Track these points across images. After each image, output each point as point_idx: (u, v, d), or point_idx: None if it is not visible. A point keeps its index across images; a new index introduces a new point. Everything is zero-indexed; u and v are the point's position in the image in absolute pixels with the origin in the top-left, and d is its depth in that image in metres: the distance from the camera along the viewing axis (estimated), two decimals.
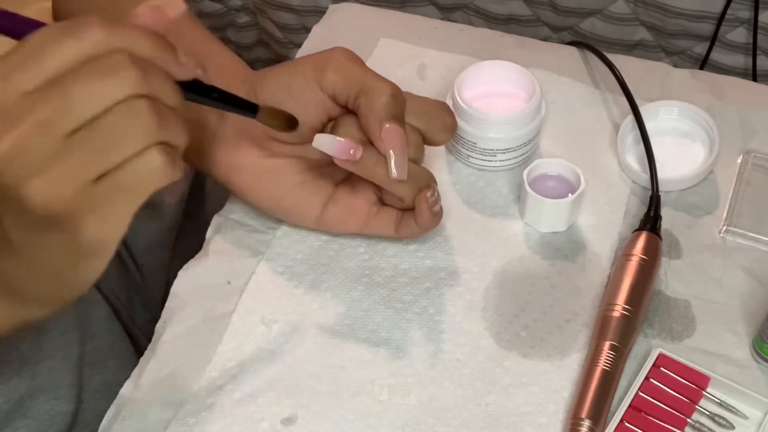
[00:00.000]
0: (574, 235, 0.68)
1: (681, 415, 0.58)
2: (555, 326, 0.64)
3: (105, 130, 0.43)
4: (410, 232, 0.64)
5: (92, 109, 0.42)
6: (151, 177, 0.44)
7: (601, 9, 1.26)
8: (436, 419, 0.60)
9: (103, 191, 0.44)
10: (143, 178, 0.44)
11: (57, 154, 0.42)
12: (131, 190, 0.44)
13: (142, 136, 0.43)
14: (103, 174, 0.43)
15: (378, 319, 0.64)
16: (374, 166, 0.58)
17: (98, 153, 0.43)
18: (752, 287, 0.65)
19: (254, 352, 0.63)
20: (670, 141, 0.72)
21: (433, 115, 0.61)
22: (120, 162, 0.43)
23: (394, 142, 0.57)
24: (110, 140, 0.43)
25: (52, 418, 0.71)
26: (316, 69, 0.59)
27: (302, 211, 0.65)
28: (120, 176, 0.44)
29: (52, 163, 0.42)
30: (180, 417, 0.60)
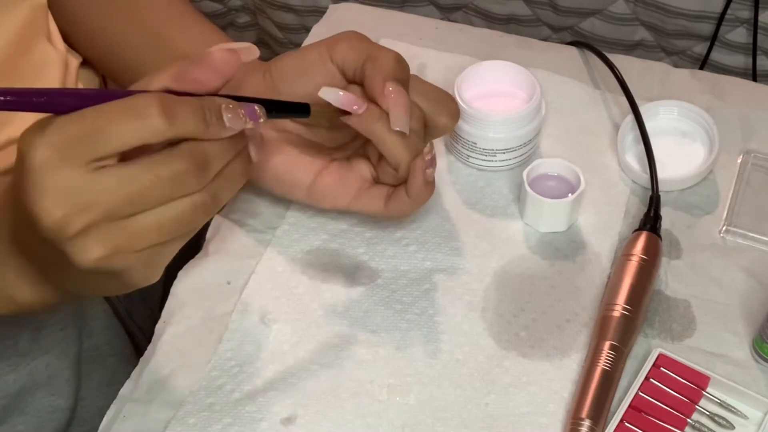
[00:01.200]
0: (574, 235, 0.68)
1: (681, 415, 0.58)
2: (555, 326, 0.64)
3: (171, 219, 0.47)
4: (400, 207, 0.62)
5: (162, 201, 0.46)
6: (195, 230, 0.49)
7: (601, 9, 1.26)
8: (436, 419, 0.60)
9: (153, 251, 0.48)
10: (189, 234, 0.49)
11: (120, 232, 0.46)
12: (177, 243, 0.49)
13: (198, 223, 0.48)
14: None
15: (378, 319, 0.64)
16: (375, 122, 0.58)
17: (157, 237, 0.47)
18: (752, 287, 0.65)
19: (254, 352, 0.63)
20: (670, 141, 0.72)
21: (439, 100, 0.61)
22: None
23: (396, 99, 0.57)
24: (173, 229, 0.47)
25: (50, 414, 0.71)
26: (328, 44, 0.60)
27: (295, 179, 0.64)
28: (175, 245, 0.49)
29: (114, 237, 0.46)
30: (180, 417, 0.60)
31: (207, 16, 1.53)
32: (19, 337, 0.68)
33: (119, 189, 0.45)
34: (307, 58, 0.60)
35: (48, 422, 0.71)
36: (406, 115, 0.57)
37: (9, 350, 0.67)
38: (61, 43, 0.68)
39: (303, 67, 0.60)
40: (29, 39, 0.63)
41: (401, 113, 0.57)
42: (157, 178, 0.45)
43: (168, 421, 0.60)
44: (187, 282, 0.67)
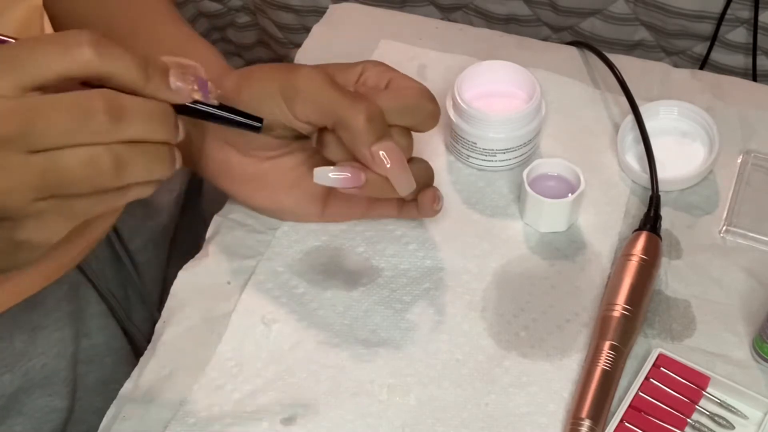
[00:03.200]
0: (574, 235, 0.68)
1: (681, 415, 0.58)
2: (555, 326, 0.64)
3: (62, 168, 0.43)
4: (412, 215, 0.66)
5: (56, 143, 0.43)
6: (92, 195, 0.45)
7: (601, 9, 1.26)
8: (436, 419, 0.60)
9: (50, 207, 0.45)
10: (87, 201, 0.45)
11: (13, 168, 0.43)
12: (76, 215, 0.46)
13: (99, 183, 0.44)
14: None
15: (377, 319, 0.64)
16: (381, 187, 0.58)
17: (52, 184, 0.44)
18: (752, 287, 0.65)
19: (254, 351, 0.63)
20: (670, 141, 0.72)
21: (415, 108, 0.59)
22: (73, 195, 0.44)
23: (390, 162, 0.57)
24: (65, 179, 0.43)
25: (47, 414, 0.71)
26: (286, 98, 0.57)
27: (303, 211, 0.66)
28: (70, 203, 0.45)
29: (7, 174, 0.43)
30: (179, 417, 0.60)
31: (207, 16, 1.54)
32: (14, 337, 0.68)
33: (20, 112, 0.42)
34: (270, 111, 0.57)
35: (45, 422, 0.71)
36: (405, 174, 0.58)
37: (5, 350, 0.67)
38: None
39: (270, 115, 0.57)
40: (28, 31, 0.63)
41: (402, 177, 0.57)
42: (59, 106, 0.42)
43: (168, 421, 0.60)
44: (187, 282, 0.67)
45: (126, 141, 0.44)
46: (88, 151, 0.43)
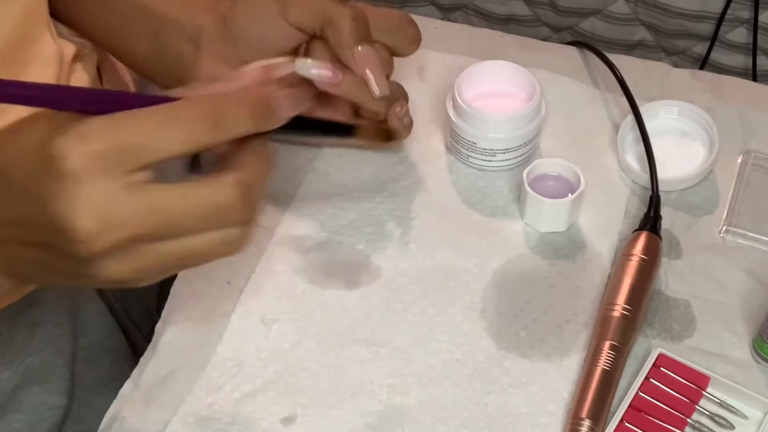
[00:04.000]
0: (574, 235, 0.68)
1: (681, 415, 0.58)
2: (555, 326, 0.64)
3: (195, 252, 0.43)
4: (368, 137, 0.67)
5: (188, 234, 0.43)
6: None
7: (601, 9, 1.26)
8: (436, 419, 0.60)
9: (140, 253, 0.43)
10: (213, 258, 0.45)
11: (142, 255, 0.42)
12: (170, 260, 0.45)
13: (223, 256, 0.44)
14: None
15: (377, 319, 0.64)
16: (356, 89, 0.60)
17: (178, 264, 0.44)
18: (752, 287, 0.65)
19: (254, 351, 0.63)
20: (670, 141, 0.72)
21: (398, 30, 0.64)
22: None
23: (368, 64, 0.60)
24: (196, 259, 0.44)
25: (45, 411, 0.71)
26: (280, 3, 0.62)
27: None
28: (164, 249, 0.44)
29: (134, 259, 0.42)
30: (179, 417, 0.60)
31: None
32: (14, 333, 0.68)
33: (155, 213, 0.41)
34: (263, 20, 0.62)
35: (43, 419, 0.71)
36: (382, 77, 0.60)
37: (3, 347, 0.68)
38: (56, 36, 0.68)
39: (259, 27, 0.62)
40: (29, 31, 0.63)
41: (378, 78, 0.60)
42: (197, 208, 0.42)
43: (168, 421, 0.60)
44: (187, 282, 0.67)
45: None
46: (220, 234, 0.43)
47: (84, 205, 0.40)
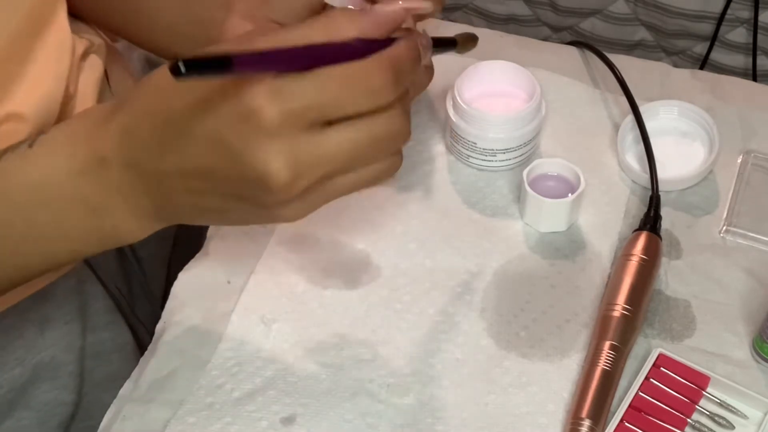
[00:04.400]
0: (574, 235, 0.68)
1: (681, 415, 0.58)
2: (555, 326, 0.64)
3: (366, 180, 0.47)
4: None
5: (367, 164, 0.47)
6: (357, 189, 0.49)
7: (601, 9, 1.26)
8: (436, 419, 0.60)
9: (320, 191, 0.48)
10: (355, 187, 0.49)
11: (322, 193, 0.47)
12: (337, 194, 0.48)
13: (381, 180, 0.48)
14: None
15: (377, 318, 0.64)
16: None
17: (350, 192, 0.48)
18: (752, 287, 0.65)
19: (254, 351, 0.63)
20: (670, 141, 0.72)
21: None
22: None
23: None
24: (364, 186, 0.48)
25: (54, 408, 0.71)
26: None
27: None
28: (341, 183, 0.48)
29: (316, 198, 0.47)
30: (179, 416, 0.60)
31: None
32: (24, 331, 0.68)
33: (340, 152, 0.45)
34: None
35: (52, 416, 0.71)
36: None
37: (15, 343, 0.68)
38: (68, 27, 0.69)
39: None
40: (43, 19, 0.63)
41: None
42: (374, 141, 0.46)
43: (168, 420, 0.60)
44: (188, 282, 0.67)
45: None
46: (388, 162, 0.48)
47: (279, 157, 0.44)
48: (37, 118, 0.62)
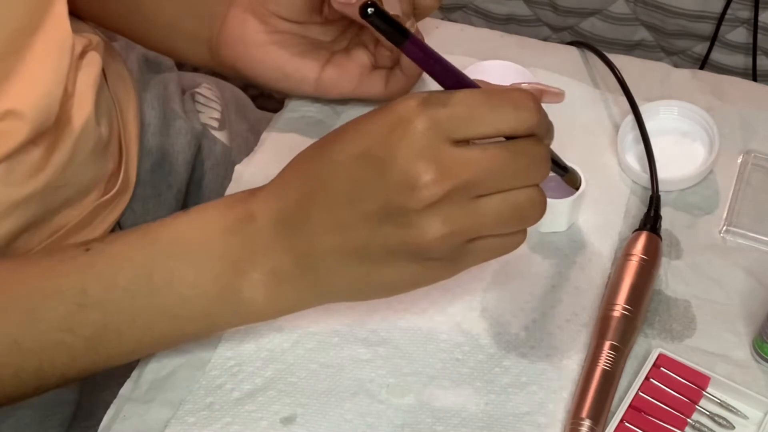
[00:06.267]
0: (574, 235, 0.68)
1: (681, 415, 0.58)
2: (555, 326, 0.64)
3: (511, 207, 0.49)
4: (398, 86, 0.69)
5: (510, 186, 0.48)
6: (512, 248, 0.51)
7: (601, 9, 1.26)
8: (435, 419, 0.60)
9: (473, 247, 0.50)
10: (506, 248, 0.51)
11: (465, 213, 0.48)
12: (491, 252, 0.51)
13: (533, 221, 0.50)
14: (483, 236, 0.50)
15: (377, 318, 0.64)
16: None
17: (496, 223, 0.49)
18: (752, 287, 0.65)
19: (254, 351, 0.63)
20: (670, 141, 0.72)
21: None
22: (504, 233, 0.50)
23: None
24: (511, 217, 0.49)
25: (55, 407, 0.71)
26: None
27: (302, 75, 0.70)
28: (492, 242, 0.50)
29: (458, 219, 0.48)
30: (179, 416, 0.60)
31: None
32: None
33: (480, 163, 0.47)
34: None
35: (53, 415, 0.71)
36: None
37: None
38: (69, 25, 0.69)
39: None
40: (40, 16, 0.63)
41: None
42: (515, 162, 0.48)
43: (168, 420, 0.60)
44: None
45: None
46: (534, 194, 0.49)
47: (424, 157, 0.46)
48: (35, 116, 0.62)
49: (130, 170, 0.79)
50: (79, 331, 0.55)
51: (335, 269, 0.52)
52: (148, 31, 0.74)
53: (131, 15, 0.74)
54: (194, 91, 0.92)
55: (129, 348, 0.57)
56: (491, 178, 0.47)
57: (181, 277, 0.54)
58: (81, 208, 0.72)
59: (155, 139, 0.83)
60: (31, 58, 0.62)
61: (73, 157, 0.68)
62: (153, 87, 0.86)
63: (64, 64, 0.65)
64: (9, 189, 0.64)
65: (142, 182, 0.81)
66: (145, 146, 0.82)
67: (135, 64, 0.87)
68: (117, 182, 0.76)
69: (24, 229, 0.66)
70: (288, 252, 0.52)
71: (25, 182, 0.65)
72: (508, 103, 0.47)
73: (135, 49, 0.88)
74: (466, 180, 0.47)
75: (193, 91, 0.91)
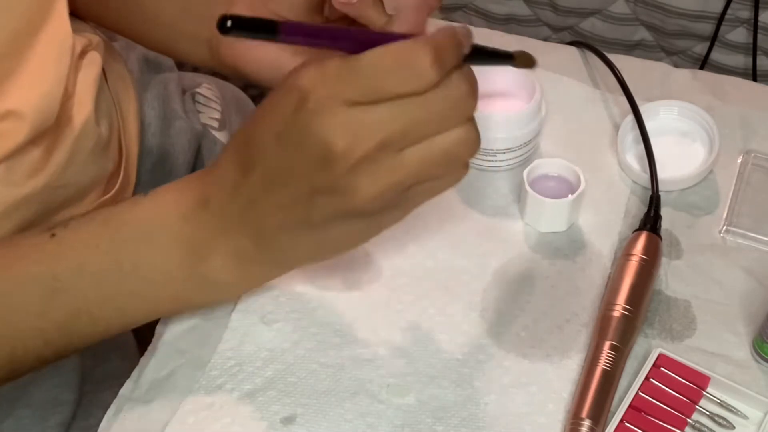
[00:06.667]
0: (574, 235, 0.68)
1: (681, 415, 0.58)
2: (555, 326, 0.64)
3: (439, 152, 0.48)
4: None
5: (432, 134, 0.48)
6: (453, 183, 0.51)
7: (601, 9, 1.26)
8: (435, 419, 0.60)
9: (413, 194, 0.50)
10: (448, 184, 0.51)
11: (390, 168, 0.48)
12: (432, 192, 0.51)
13: (467, 158, 0.49)
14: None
15: (378, 318, 0.64)
16: (368, 8, 0.59)
17: (427, 170, 0.49)
18: (752, 287, 0.65)
19: (254, 351, 0.63)
20: (670, 141, 0.72)
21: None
22: (440, 177, 0.50)
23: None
24: (440, 161, 0.48)
25: (55, 407, 0.71)
26: None
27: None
28: (429, 186, 0.50)
29: (384, 176, 0.48)
30: (179, 416, 0.60)
31: None
32: None
33: (391, 122, 0.47)
34: None
35: (53, 414, 0.71)
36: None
37: None
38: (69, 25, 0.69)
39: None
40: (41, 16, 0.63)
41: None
42: (428, 112, 0.47)
43: (168, 420, 0.60)
44: None
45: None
46: (463, 134, 0.48)
47: (333, 126, 0.47)
48: (35, 116, 0.62)
49: (130, 170, 0.79)
50: (51, 315, 0.56)
51: (289, 242, 0.54)
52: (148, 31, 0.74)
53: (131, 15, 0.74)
54: (194, 91, 0.92)
55: (102, 329, 0.59)
56: (406, 132, 0.47)
57: (148, 263, 0.56)
58: (81, 208, 0.72)
59: (155, 139, 0.83)
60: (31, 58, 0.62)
61: (73, 157, 0.68)
62: (153, 87, 0.86)
63: (65, 64, 0.65)
64: (9, 189, 0.64)
65: (142, 182, 0.81)
66: (146, 146, 0.82)
67: (135, 64, 0.87)
68: (117, 182, 0.76)
69: (24, 229, 0.66)
70: (243, 232, 0.54)
71: (25, 182, 0.65)
72: (402, 65, 0.46)
73: (135, 49, 0.88)
74: (381, 140, 0.47)
75: (193, 91, 0.91)
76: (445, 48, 0.47)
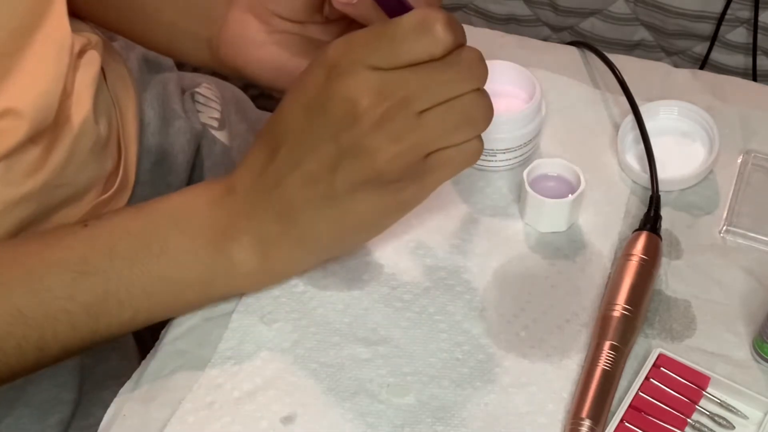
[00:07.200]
0: (574, 235, 0.68)
1: (681, 415, 0.58)
2: (555, 326, 0.64)
3: (456, 114, 0.52)
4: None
5: (449, 95, 0.51)
6: (471, 158, 0.54)
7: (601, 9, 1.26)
8: (435, 419, 0.60)
9: (431, 163, 0.53)
10: (466, 158, 0.54)
11: (410, 128, 0.51)
12: (452, 166, 0.54)
13: (482, 124, 0.53)
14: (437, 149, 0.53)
15: (377, 317, 0.64)
16: (369, 8, 0.61)
17: (444, 133, 0.52)
18: (752, 287, 0.65)
19: (254, 350, 0.63)
20: (670, 141, 0.72)
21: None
22: (457, 143, 0.53)
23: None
24: (457, 124, 0.52)
25: (54, 406, 0.71)
26: None
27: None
28: (448, 153, 0.53)
29: (405, 135, 0.51)
30: (179, 416, 0.60)
31: None
32: None
33: (413, 79, 0.50)
34: None
35: (52, 414, 0.71)
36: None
37: None
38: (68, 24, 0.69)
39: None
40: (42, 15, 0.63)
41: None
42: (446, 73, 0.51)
43: (168, 420, 0.60)
44: None
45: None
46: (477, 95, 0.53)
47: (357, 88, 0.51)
48: (34, 115, 0.62)
49: (129, 170, 0.79)
50: (80, 298, 0.57)
51: (313, 220, 0.56)
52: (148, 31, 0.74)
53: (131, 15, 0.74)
54: (194, 91, 0.92)
55: (128, 316, 0.59)
56: (427, 90, 0.50)
57: (176, 245, 0.58)
58: (80, 207, 0.72)
59: (155, 139, 0.83)
60: (30, 57, 0.62)
61: (72, 156, 0.68)
62: (153, 87, 0.86)
63: (63, 63, 0.65)
64: (7, 188, 0.64)
65: (142, 182, 0.81)
66: (145, 146, 0.82)
67: (135, 64, 0.87)
68: (116, 181, 0.76)
69: (22, 228, 0.66)
70: (268, 214, 0.57)
71: (24, 181, 0.65)
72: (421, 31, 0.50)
73: (135, 49, 0.88)
74: (403, 96, 0.50)
75: (193, 91, 0.92)
76: (453, 17, 0.51)
